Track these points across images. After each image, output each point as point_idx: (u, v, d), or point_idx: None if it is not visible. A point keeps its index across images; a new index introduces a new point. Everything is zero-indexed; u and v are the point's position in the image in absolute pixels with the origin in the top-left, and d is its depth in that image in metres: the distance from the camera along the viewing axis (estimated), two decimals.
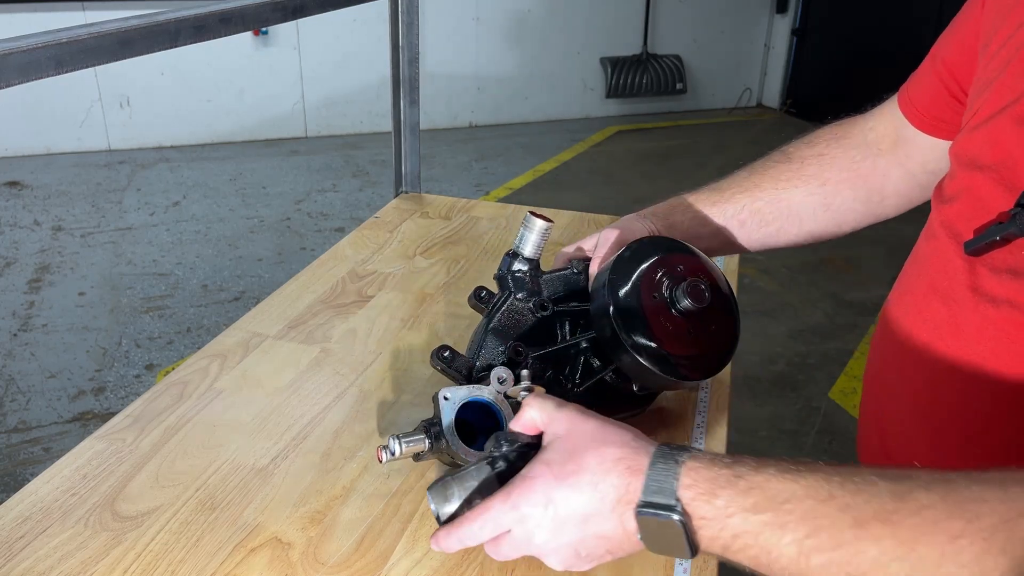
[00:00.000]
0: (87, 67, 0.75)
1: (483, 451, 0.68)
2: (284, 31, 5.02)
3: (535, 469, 0.56)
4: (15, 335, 2.86)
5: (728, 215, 0.86)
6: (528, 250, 0.82)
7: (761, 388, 2.66)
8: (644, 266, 0.76)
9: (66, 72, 0.73)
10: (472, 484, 0.61)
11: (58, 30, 0.73)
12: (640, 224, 0.86)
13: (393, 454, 0.70)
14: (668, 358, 0.72)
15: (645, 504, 0.51)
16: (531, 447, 0.61)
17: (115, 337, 2.87)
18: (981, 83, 0.65)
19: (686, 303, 0.73)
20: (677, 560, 0.69)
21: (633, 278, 0.75)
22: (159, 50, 0.84)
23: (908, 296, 0.70)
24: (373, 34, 5.06)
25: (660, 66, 5.92)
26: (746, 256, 1.09)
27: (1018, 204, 0.55)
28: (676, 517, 0.49)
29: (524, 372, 0.68)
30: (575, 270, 0.84)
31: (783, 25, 6.16)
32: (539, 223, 0.81)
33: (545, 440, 0.59)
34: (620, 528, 0.53)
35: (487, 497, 0.58)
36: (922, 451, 0.68)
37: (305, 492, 0.76)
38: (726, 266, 1.24)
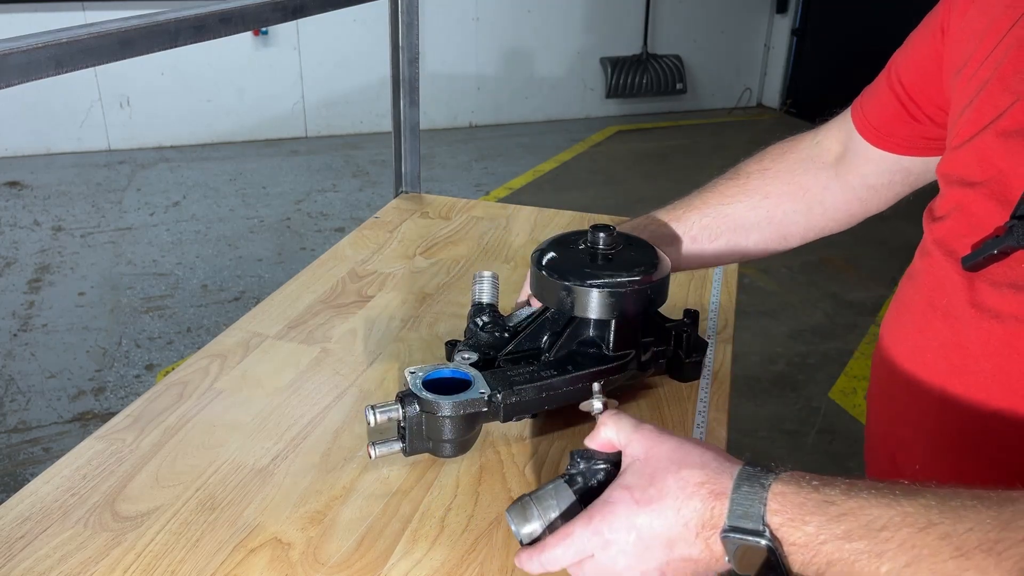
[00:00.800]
0: (87, 67, 0.75)
1: (457, 406, 0.74)
2: (284, 31, 5.02)
3: (615, 494, 0.56)
4: (15, 335, 2.86)
5: (681, 232, 0.92)
6: (485, 297, 0.92)
7: (761, 388, 2.66)
8: (561, 238, 0.90)
9: (66, 72, 0.73)
10: (551, 503, 0.61)
11: (58, 30, 0.73)
12: None
13: (369, 424, 0.75)
14: (606, 284, 0.82)
15: (731, 529, 0.50)
16: (609, 463, 0.61)
17: (115, 337, 2.87)
18: (960, 105, 0.65)
19: (599, 236, 0.85)
20: None
21: (554, 246, 0.89)
22: (159, 50, 0.84)
23: (906, 315, 0.70)
24: (373, 34, 5.06)
25: (660, 66, 5.92)
26: None
27: (1014, 216, 0.55)
28: (764, 543, 0.49)
29: (595, 386, 0.69)
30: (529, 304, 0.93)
31: (783, 25, 6.16)
32: (487, 272, 0.94)
33: (624, 462, 0.59)
34: (707, 551, 0.52)
35: (569, 518, 0.58)
36: (937, 472, 0.67)
37: (305, 492, 0.76)
38: (726, 265, 1.24)
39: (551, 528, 0.60)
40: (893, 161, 0.82)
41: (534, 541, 0.61)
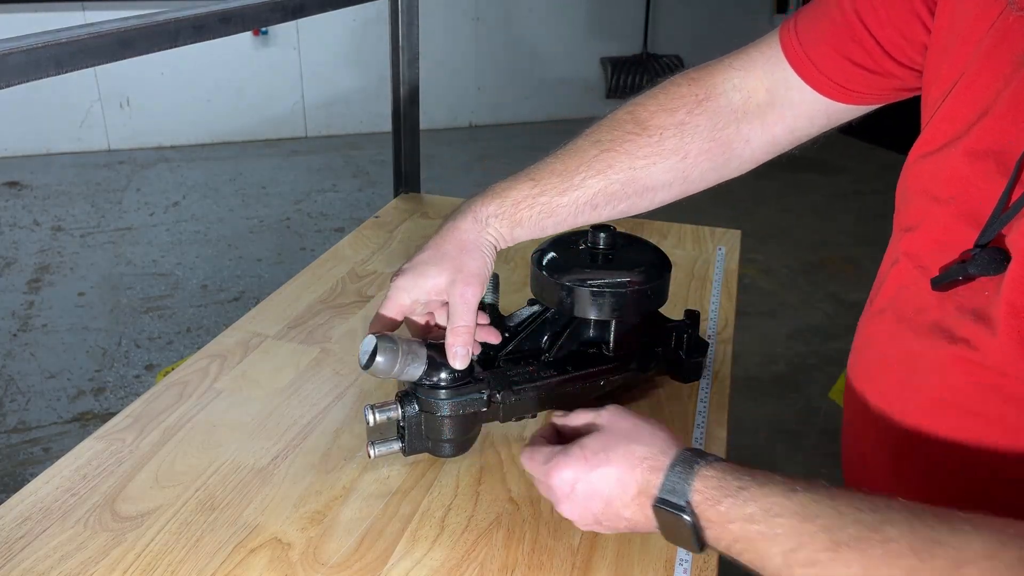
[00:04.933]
0: (87, 67, 0.75)
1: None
2: (284, 31, 5.02)
3: (573, 450, 0.64)
4: (15, 335, 2.86)
5: (580, 202, 0.77)
6: (486, 298, 0.91)
7: (761, 388, 2.66)
8: (561, 238, 0.88)
9: (66, 72, 0.73)
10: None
11: (58, 30, 0.73)
12: (482, 243, 0.77)
13: (369, 424, 0.76)
14: (606, 285, 0.82)
15: (661, 500, 0.58)
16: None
17: (115, 337, 2.87)
18: (933, 98, 0.62)
19: (599, 236, 0.86)
20: (677, 561, 0.69)
21: (554, 247, 0.88)
22: (159, 50, 0.84)
23: (879, 323, 0.68)
24: (373, 34, 5.06)
25: (660, 66, 5.91)
26: (746, 256, 1.09)
27: (977, 244, 0.55)
28: (686, 517, 0.56)
29: None
30: (532, 305, 0.92)
31: None
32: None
33: (592, 430, 0.67)
34: (640, 514, 0.60)
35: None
36: (899, 488, 0.65)
37: (305, 492, 0.76)
38: (726, 265, 1.24)
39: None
40: (838, 111, 0.74)
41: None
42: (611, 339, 0.86)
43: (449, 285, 0.74)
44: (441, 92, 5.44)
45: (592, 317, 0.83)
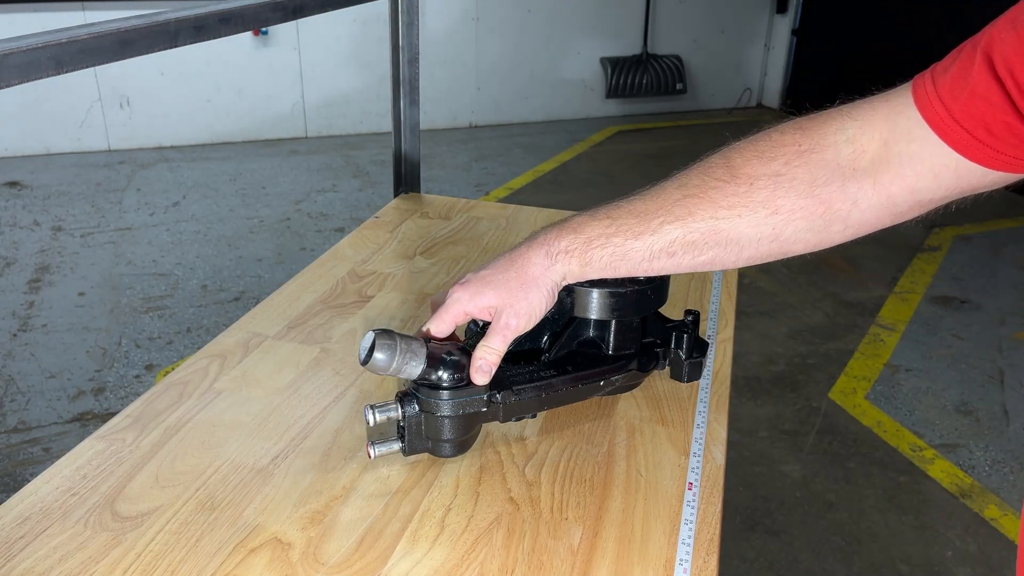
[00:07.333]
0: (87, 67, 0.75)
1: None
2: (284, 31, 5.02)
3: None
4: (15, 335, 2.86)
5: (655, 248, 0.72)
6: None
7: (761, 388, 2.66)
8: None
9: (66, 72, 0.73)
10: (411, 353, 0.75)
11: (58, 30, 0.73)
12: (545, 280, 0.77)
13: (369, 424, 0.76)
14: (606, 285, 0.83)
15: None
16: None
17: (115, 337, 2.87)
18: None
19: None
20: (677, 561, 0.69)
21: None
22: (159, 50, 0.84)
23: None
24: (373, 34, 5.06)
25: (660, 66, 5.92)
26: None
27: None
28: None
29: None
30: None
31: (783, 25, 6.16)
32: None
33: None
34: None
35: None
36: None
37: (305, 492, 0.76)
38: None
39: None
40: (970, 173, 0.60)
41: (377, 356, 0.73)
42: (611, 339, 0.86)
43: (499, 312, 0.77)
44: (441, 92, 5.44)
45: (592, 317, 0.83)
